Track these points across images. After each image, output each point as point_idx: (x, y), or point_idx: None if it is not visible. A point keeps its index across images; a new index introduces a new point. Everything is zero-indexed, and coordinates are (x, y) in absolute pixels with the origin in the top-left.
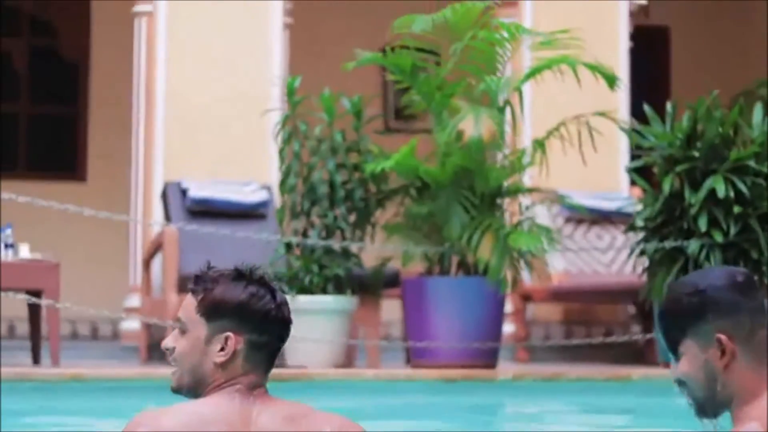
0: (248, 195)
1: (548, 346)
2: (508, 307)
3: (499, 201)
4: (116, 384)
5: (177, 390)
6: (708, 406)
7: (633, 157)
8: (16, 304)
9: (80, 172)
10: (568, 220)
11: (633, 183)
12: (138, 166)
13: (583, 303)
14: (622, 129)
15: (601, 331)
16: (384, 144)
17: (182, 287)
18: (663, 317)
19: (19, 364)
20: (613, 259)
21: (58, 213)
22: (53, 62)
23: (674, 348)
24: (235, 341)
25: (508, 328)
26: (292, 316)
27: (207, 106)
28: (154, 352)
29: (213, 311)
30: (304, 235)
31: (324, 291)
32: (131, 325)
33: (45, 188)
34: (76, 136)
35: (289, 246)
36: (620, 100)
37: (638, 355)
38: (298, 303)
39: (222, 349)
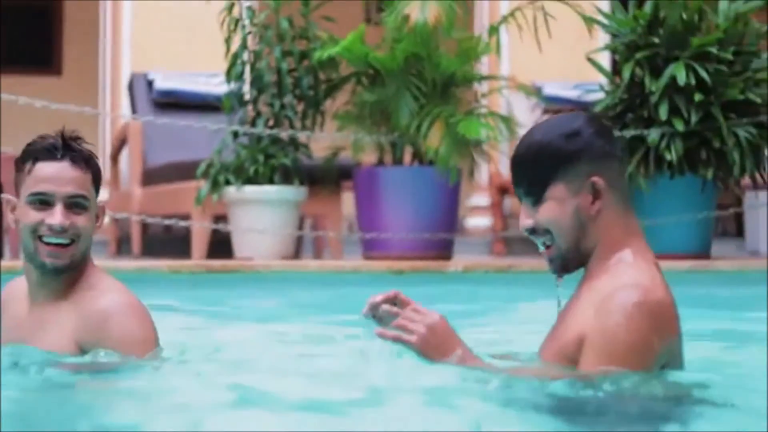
0: (215, 86)
1: (527, 240)
2: (483, 200)
3: (454, 90)
4: None
5: (68, 268)
6: (572, 258)
7: None
8: None
9: (56, 66)
10: (545, 111)
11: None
12: (105, 59)
13: None
14: (581, 15)
15: None
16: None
17: (147, 180)
18: (531, 158)
19: None
20: None
21: (29, 107)
22: None
23: (538, 193)
24: None
25: (484, 221)
26: (240, 207)
27: None
28: (124, 245)
29: (99, 182)
30: (253, 124)
31: (271, 181)
32: None
33: (20, 82)
34: (51, 30)
35: (236, 135)
36: None
37: None
38: (245, 193)
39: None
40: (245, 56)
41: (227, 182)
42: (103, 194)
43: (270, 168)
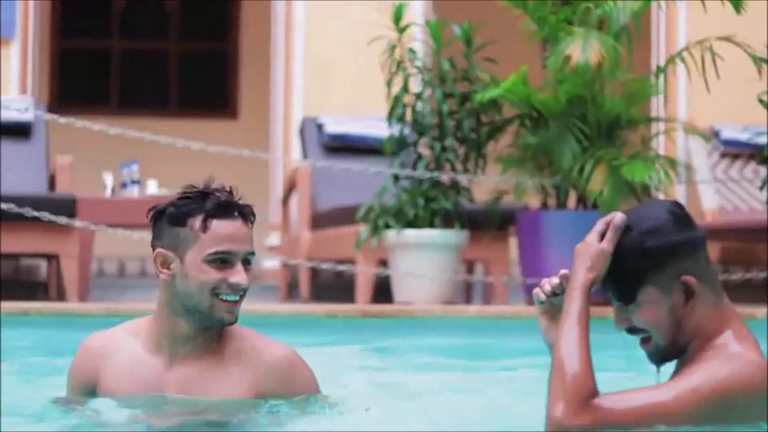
0: (384, 130)
1: None
2: None
3: (620, 132)
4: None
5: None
6: (671, 352)
7: None
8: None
9: (232, 110)
10: (723, 155)
11: None
12: (277, 103)
13: (740, 241)
14: (751, 56)
15: (761, 271)
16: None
17: (315, 224)
18: (615, 267)
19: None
20: None
21: (202, 152)
22: None
23: (630, 297)
24: None
25: None
26: (399, 251)
27: (345, 40)
28: (293, 290)
29: None
30: (413, 167)
31: (431, 225)
32: (270, 263)
33: (198, 126)
34: (228, 74)
35: (397, 178)
36: None
37: None
38: (404, 237)
39: None
40: (406, 99)
41: (387, 226)
42: (275, 238)
43: (430, 212)
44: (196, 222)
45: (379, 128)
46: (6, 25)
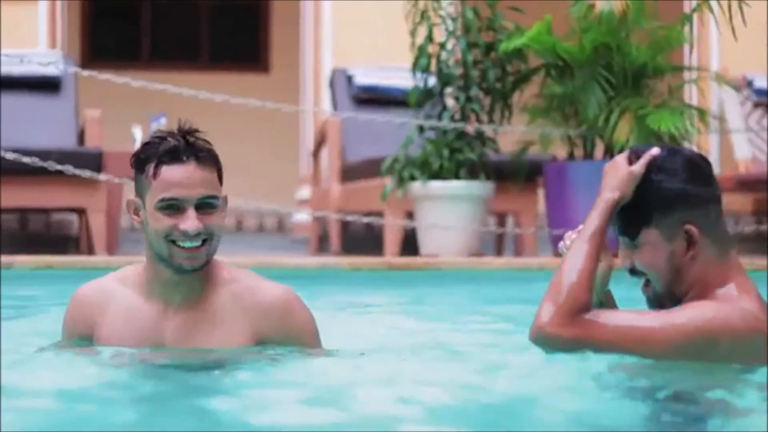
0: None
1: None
2: None
3: (647, 81)
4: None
5: (205, 265)
6: (666, 298)
7: None
8: None
9: (264, 64)
10: (756, 104)
11: None
12: (306, 56)
13: None
14: None
15: None
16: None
17: (346, 176)
18: (626, 205)
19: None
20: None
21: (234, 105)
22: None
23: (633, 233)
24: None
25: None
26: (425, 203)
27: None
28: (324, 243)
29: (222, 173)
30: (439, 118)
31: (457, 176)
32: (300, 216)
33: (229, 79)
34: (259, 27)
35: (422, 129)
36: None
37: None
38: (429, 189)
39: None
40: (430, 49)
41: (412, 177)
42: (305, 192)
43: (455, 163)
44: (150, 169)
45: (409, 79)
46: None
